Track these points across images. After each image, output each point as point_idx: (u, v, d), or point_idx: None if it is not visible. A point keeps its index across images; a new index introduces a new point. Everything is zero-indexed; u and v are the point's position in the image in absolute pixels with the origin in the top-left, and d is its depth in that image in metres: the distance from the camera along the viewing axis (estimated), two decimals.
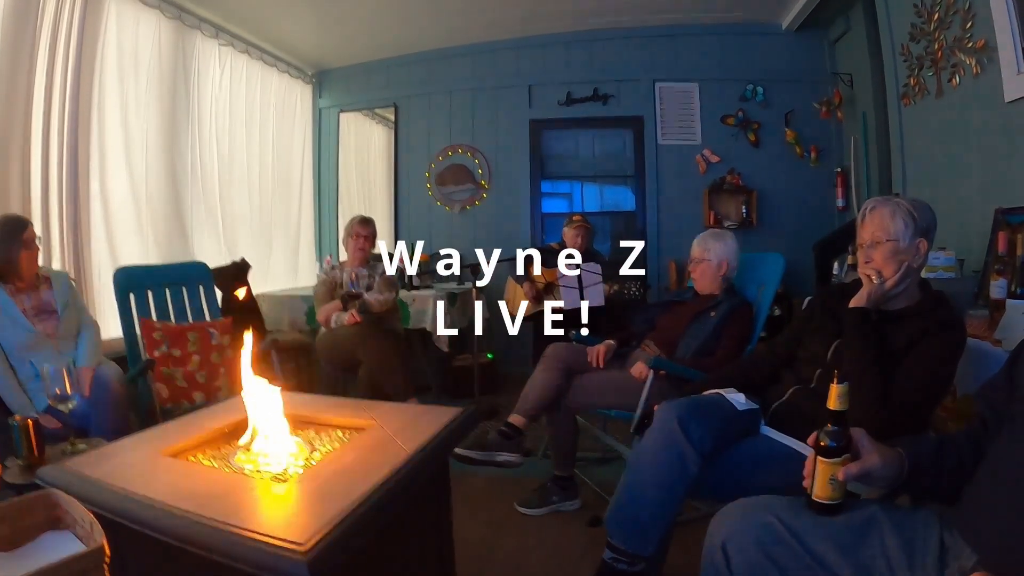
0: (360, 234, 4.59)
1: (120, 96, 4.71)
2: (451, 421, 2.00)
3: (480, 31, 6.51)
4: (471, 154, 6.87)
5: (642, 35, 6.43)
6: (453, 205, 6.90)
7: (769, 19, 6.17)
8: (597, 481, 3.53)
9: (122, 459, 1.84)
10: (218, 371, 3.88)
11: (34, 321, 3.21)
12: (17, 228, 3.19)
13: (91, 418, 3.04)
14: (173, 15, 5.15)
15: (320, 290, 4.55)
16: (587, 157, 6.90)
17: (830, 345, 2.24)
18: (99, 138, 4.54)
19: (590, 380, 3.26)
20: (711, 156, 6.34)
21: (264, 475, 1.69)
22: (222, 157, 5.90)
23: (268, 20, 5.93)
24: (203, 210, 5.64)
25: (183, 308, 4.15)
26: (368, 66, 7.20)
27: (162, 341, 3.76)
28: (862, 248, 2.20)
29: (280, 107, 6.81)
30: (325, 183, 7.48)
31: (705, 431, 2.06)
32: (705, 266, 3.43)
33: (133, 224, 4.85)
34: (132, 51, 4.81)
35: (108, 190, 4.64)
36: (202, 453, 1.94)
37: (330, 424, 2.14)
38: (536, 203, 6.80)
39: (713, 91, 6.39)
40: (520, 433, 3.19)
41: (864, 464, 1.42)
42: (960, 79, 3.70)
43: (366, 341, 4.04)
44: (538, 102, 6.74)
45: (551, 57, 6.71)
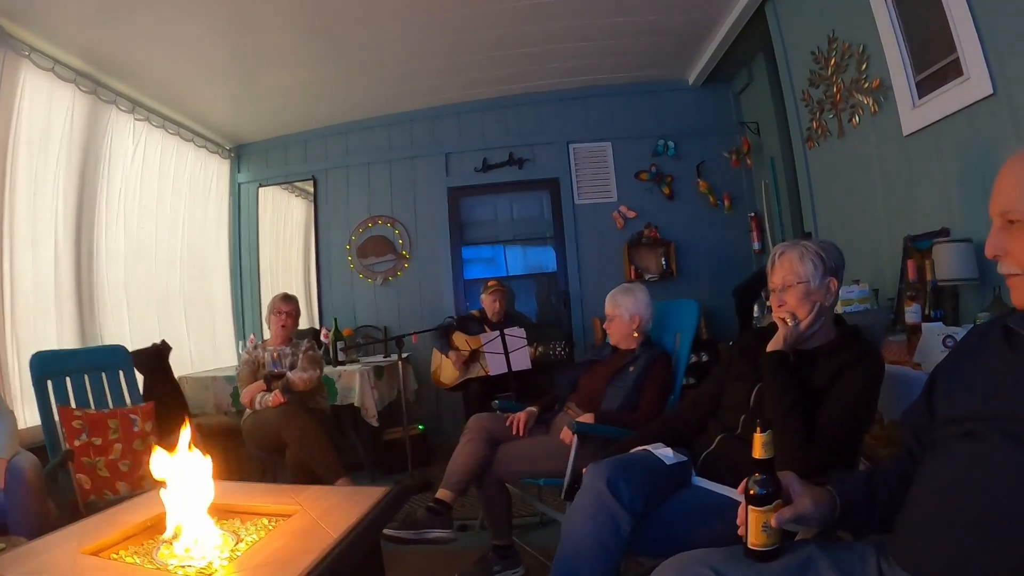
0: (282, 311, 4.56)
1: (29, 172, 4.58)
2: (378, 502, 2.00)
3: (396, 102, 6.64)
4: (391, 224, 6.93)
5: (554, 99, 6.65)
6: (375, 277, 6.92)
7: (676, 76, 6.48)
8: (537, 547, 3.51)
9: (41, 559, 1.79)
10: (142, 459, 3.69)
11: None
12: None
13: (7, 513, 2.89)
14: (89, 89, 5.09)
15: (243, 371, 4.47)
16: (506, 221, 7.02)
17: (752, 390, 2.30)
18: (9, 215, 4.39)
19: (515, 449, 3.25)
20: (628, 212, 6.54)
21: (188, 570, 1.67)
22: (134, 235, 5.75)
23: (185, 95, 5.93)
24: (116, 291, 5.48)
25: (103, 394, 3.99)
26: (286, 139, 7.24)
27: (82, 429, 3.61)
28: (775, 292, 2.29)
29: (197, 182, 6.75)
30: (245, 259, 7.40)
31: (635, 490, 2.07)
32: (618, 322, 3.51)
33: (45, 307, 4.69)
34: (44, 126, 4.71)
35: (17, 271, 4.46)
36: (124, 549, 1.89)
37: (255, 512, 2.11)
38: (458, 270, 6.87)
39: (626, 148, 6.61)
40: (449, 508, 3.17)
41: (796, 509, 1.46)
42: (860, 118, 3.91)
43: (291, 422, 3.95)
44: (455, 169, 6.87)
45: (466, 124, 6.87)
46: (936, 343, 2.50)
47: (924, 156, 3.38)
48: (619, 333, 3.53)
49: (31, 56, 4.51)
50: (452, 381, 5.45)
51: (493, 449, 3.26)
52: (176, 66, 5.31)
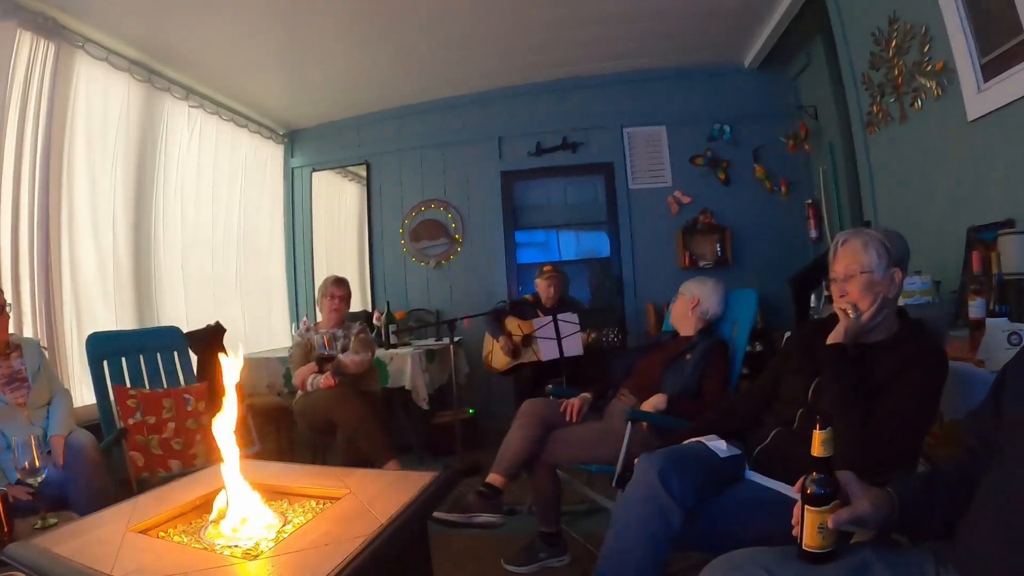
0: (334, 295, 4.56)
1: (89, 160, 4.72)
2: (427, 487, 1.97)
3: (449, 86, 6.58)
4: (444, 208, 6.89)
5: (608, 82, 6.51)
6: (428, 261, 6.90)
7: (732, 59, 6.28)
8: (585, 534, 3.45)
9: (90, 536, 1.80)
10: (194, 438, 3.80)
11: (4, 390, 3.16)
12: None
13: (67, 488, 2.95)
14: (143, 78, 5.18)
15: (295, 353, 4.49)
16: (559, 206, 6.94)
17: (810, 384, 2.21)
18: (68, 203, 4.53)
19: (567, 435, 3.21)
20: (682, 197, 6.39)
21: (235, 550, 1.66)
22: (191, 219, 5.89)
23: (238, 81, 5.99)
24: (172, 273, 5.61)
25: (158, 374, 4.10)
26: (339, 124, 7.25)
27: (136, 408, 3.70)
28: (836, 282, 2.20)
29: (251, 168, 6.83)
30: (299, 242, 7.48)
31: (687, 483, 2.01)
32: (679, 302, 3.49)
33: (103, 289, 4.82)
34: (101, 114, 4.83)
35: (78, 255, 4.61)
36: (173, 528, 1.90)
37: (303, 494, 2.10)
38: (511, 254, 6.81)
39: (681, 133, 6.45)
40: (499, 493, 3.13)
41: (854, 510, 1.40)
42: (922, 103, 3.72)
43: (342, 404, 3.96)
44: (508, 153, 6.80)
45: (520, 108, 6.78)
46: (1001, 340, 2.36)
47: (989, 142, 3.20)
48: (677, 312, 3.50)
49: (85, 47, 4.60)
50: (504, 366, 5.41)
51: (546, 435, 3.22)
52: (229, 53, 5.35)
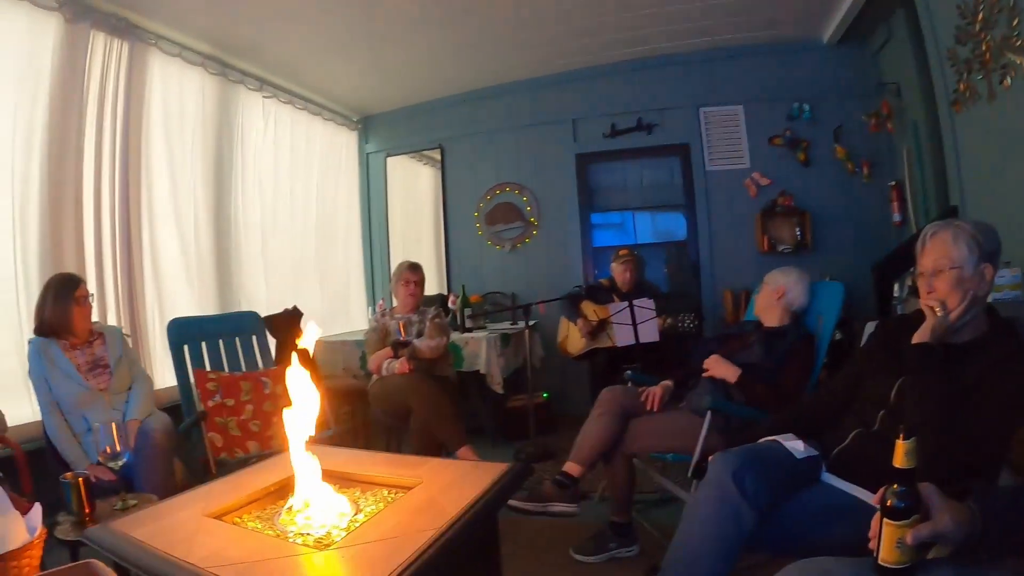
0: (409, 280, 4.57)
1: (167, 152, 4.90)
2: (499, 478, 1.94)
3: (521, 68, 6.53)
4: (519, 191, 6.87)
5: (683, 61, 6.33)
6: (503, 244, 6.89)
7: (809, 34, 6.00)
8: (656, 524, 3.40)
9: (167, 520, 1.82)
10: (271, 420, 3.87)
11: (87, 376, 3.29)
12: (69, 286, 3.31)
13: (134, 470, 3.05)
14: (217, 71, 5.34)
15: (371, 338, 4.52)
16: (635, 188, 6.82)
17: (893, 384, 2.09)
18: (148, 194, 4.73)
19: (646, 424, 3.16)
20: (761, 179, 6.18)
21: (306, 539, 1.66)
22: (269, 206, 6.06)
23: (310, 70, 6.07)
24: (251, 259, 5.78)
25: (236, 358, 4.21)
26: (412, 109, 7.29)
27: (216, 391, 3.81)
28: (923, 277, 2.06)
29: (326, 154, 6.96)
30: (375, 226, 7.58)
31: (761, 484, 1.94)
32: (764, 291, 3.39)
33: (183, 276, 5.01)
34: (178, 108, 5.01)
35: (158, 244, 4.81)
36: (247, 514, 1.92)
37: (376, 483, 2.09)
38: (587, 237, 6.74)
39: (759, 112, 6.23)
40: (575, 482, 3.10)
41: (934, 526, 1.31)
42: (1012, 79, 3.48)
43: (417, 390, 3.97)
44: (582, 136, 6.70)
45: (593, 90, 6.65)
46: None
47: None
48: (762, 302, 3.40)
49: (158, 44, 4.77)
50: (579, 350, 5.36)
51: (624, 424, 3.17)
52: (299, 43, 5.42)
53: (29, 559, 1.66)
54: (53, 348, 3.26)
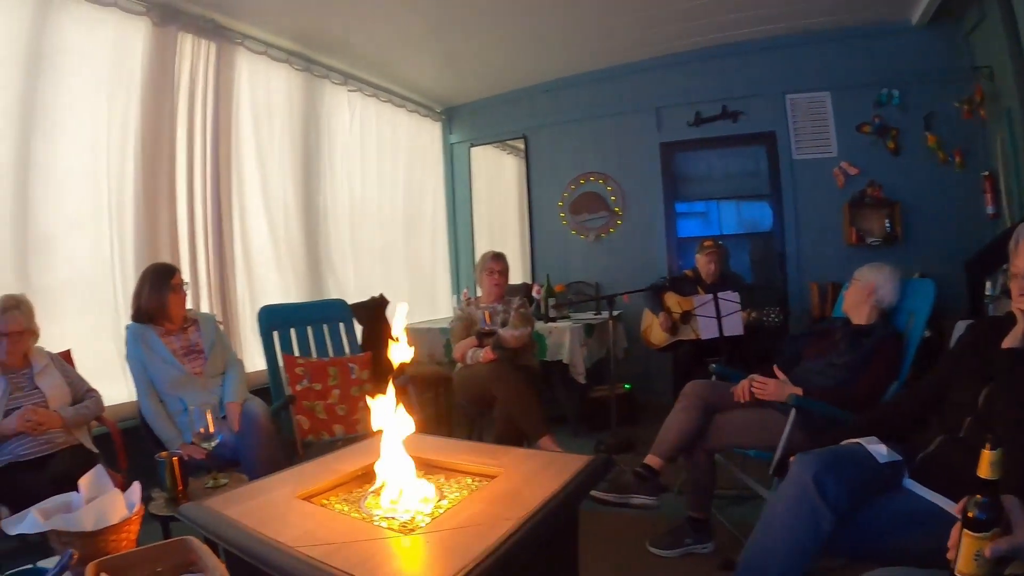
0: (493, 269, 4.59)
1: (256, 146, 5.10)
2: (581, 470, 1.94)
3: (604, 56, 6.46)
4: (603, 181, 6.82)
5: (767, 46, 6.14)
6: (588, 234, 6.86)
7: (897, 16, 5.67)
8: (733, 521, 3.36)
9: (258, 500, 1.88)
10: (357, 404, 3.99)
11: (183, 360, 3.44)
12: (166, 275, 3.48)
13: (240, 452, 3.19)
14: (302, 67, 5.51)
15: (456, 326, 4.57)
16: (720, 177, 6.68)
17: (981, 390, 1.99)
18: (239, 187, 4.94)
19: (730, 419, 3.10)
20: (849, 168, 5.92)
21: (392, 523, 1.69)
22: (356, 197, 6.21)
23: (394, 63, 6.15)
24: (340, 248, 5.94)
25: (324, 344, 4.33)
26: (495, 99, 7.33)
27: (304, 376, 3.94)
28: (1016, 279, 1.93)
29: (411, 145, 7.07)
30: (460, 216, 7.65)
31: (841, 488, 1.90)
32: (853, 287, 3.26)
33: (273, 265, 5.20)
34: (265, 103, 5.20)
35: (249, 235, 5.02)
36: (335, 496, 1.97)
37: (460, 470, 2.12)
38: (671, 227, 6.64)
39: (846, 99, 5.96)
40: (656, 475, 3.07)
41: (1015, 540, 1.25)
42: None
43: (501, 379, 4.00)
44: (667, 124, 6.60)
45: (677, 77, 6.52)
46: None
47: None
48: (851, 299, 3.28)
49: (244, 43, 4.96)
50: (662, 342, 5.30)
51: (707, 418, 3.12)
52: (382, 37, 5.49)
53: (127, 534, 1.73)
54: (150, 334, 3.41)
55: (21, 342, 3.04)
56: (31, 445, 2.90)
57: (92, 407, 3.23)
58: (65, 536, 1.64)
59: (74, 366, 3.41)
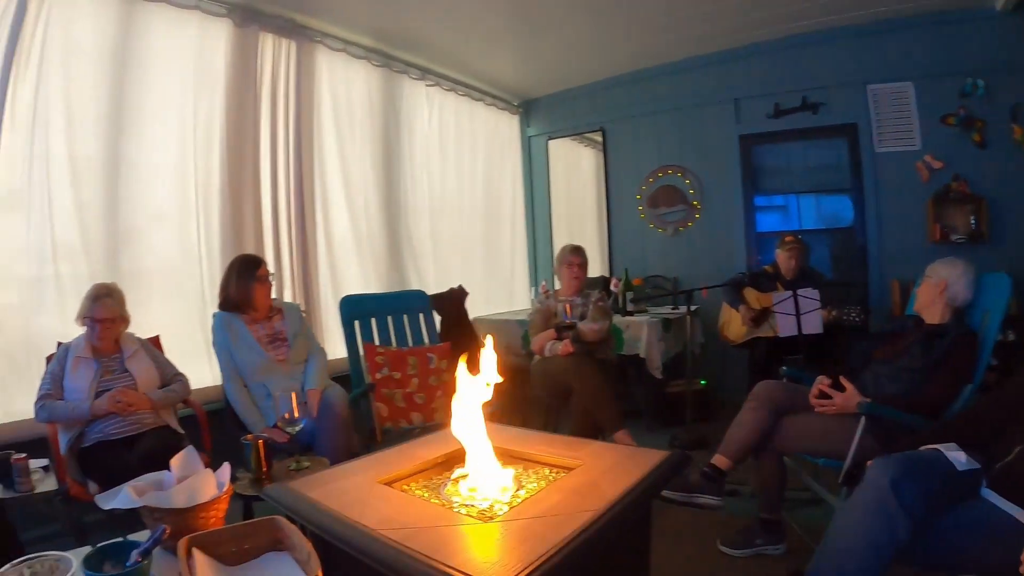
0: (572, 262, 4.59)
1: (337, 140, 5.24)
2: (658, 466, 1.93)
3: (681, 47, 6.35)
4: (681, 174, 6.73)
5: (847, 34, 5.90)
6: (666, 227, 6.79)
7: (980, 2, 5.37)
8: (805, 525, 3.29)
9: (340, 484, 1.93)
10: (435, 393, 4.06)
11: (267, 348, 3.55)
12: (252, 266, 3.63)
13: (317, 437, 3.29)
14: (380, 63, 5.62)
15: (535, 318, 4.59)
16: (800, 170, 6.48)
17: None
18: (321, 180, 5.09)
19: (799, 423, 3.03)
20: (933, 162, 5.62)
21: (470, 510, 1.72)
22: (435, 189, 6.30)
23: (471, 58, 6.19)
24: (418, 239, 6.04)
25: (404, 333, 4.43)
26: (572, 92, 7.30)
27: (383, 364, 4.03)
28: None
29: (489, 138, 7.12)
30: (538, 208, 7.66)
31: (919, 494, 1.86)
32: (925, 285, 3.13)
33: (355, 256, 5.34)
34: (345, 99, 5.34)
35: (331, 227, 5.17)
36: (415, 482, 2.00)
37: (538, 461, 2.14)
38: (750, 221, 6.50)
39: (929, 89, 5.65)
40: (723, 475, 3.03)
41: None
42: None
43: (579, 372, 4.01)
44: (746, 116, 6.46)
45: (756, 68, 6.37)
46: None
47: None
48: (923, 297, 3.14)
49: (324, 41, 5.10)
50: (739, 338, 5.23)
51: (777, 420, 3.05)
52: (459, 31, 5.52)
53: (216, 512, 1.80)
54: (236, 322, 3.55)
55: (112, 328, 3.20)
56: (120, 425, 3.05)
57: (179, 390, 3.37)
58: (157, 512, 1.72)
59: (163, 351, 3.56)
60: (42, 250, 3.56)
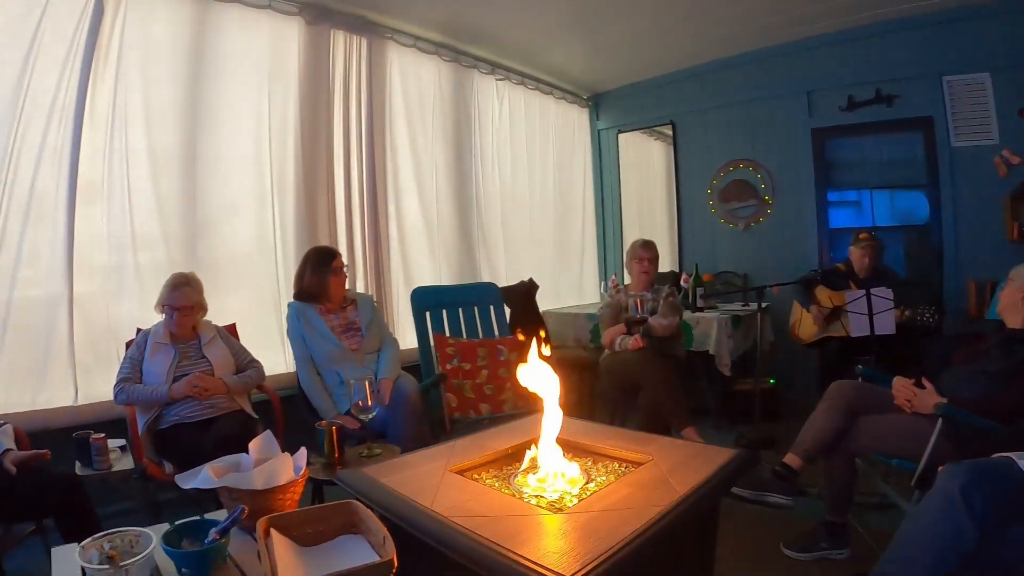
0: (643, 257, 4.57)
1: (409, 134, 5.32)
2: (727, 464, 1.92)
3: (751, 38, 6.19)
4: (753, 168, 6.59)
5: (922, 24, 5.61)
6: (737, 222, 6.67)
7: None
8: (872, 530, 3.18)
9: (413, 471, 1.98)
10: (504, 385, 4.09)
11: (341, 337, 3.64)
12: (327, 258, 3.72)
13: (388, 425, 3.35)
14: (450, 58, 5.66)
15: (605, 313, 4.57)
16: (874, 164, 6.26)
17: None
18: (393, 173, 5.17)
19: (874, 424, 2.95)
20: (1011, 157, 5.32)
21: (540, 501, 1.74)
22: (506, 183, 6.32)
23: (541, 52, 6.18)
24: (489, 232, 6.08)
25: (474, 325, 4.50)
26: (642, 85, 7.22)
27: (454, 355, 4.10)
28: None
29: (559, 132, 7.10)
30: (608, 202, 7.62)
31: (989, 503, 1.81)
32: (1007, 288, 2.98)
33: (426, 248, 5.41)
34: (416, 93, 5.41)
35: (404, 219, 5.26)
36: (485, 472, 2.04)
37: (607, 455, 2.15)
38: (823, 217, 6.32)
39: (1008, 80, 5.35)
40: (795, 474, 2.98)
41: None
42: None
43: (648, 367, 3.99)
44: (818, 109, 6.24)
45: (828, 59, 6.15)
46: None
47: None
48: (1006, 301, 2.99)
49: (394, 37, 5.18)
50: (810, 337, 5.13)
51: (851, 421, 2.98)
52: (528, 26, 5.51)
53: (292, 494, 1.86)
54: (310, 311, 3.64)
55: (190, 316, 3.31)
56: (196, 408, 3.15)
57: (254, 376, 3.47)
58: (236, 493, 1.77)
59: (238, 338, 3.67)
60: (122, 240, 3.71)
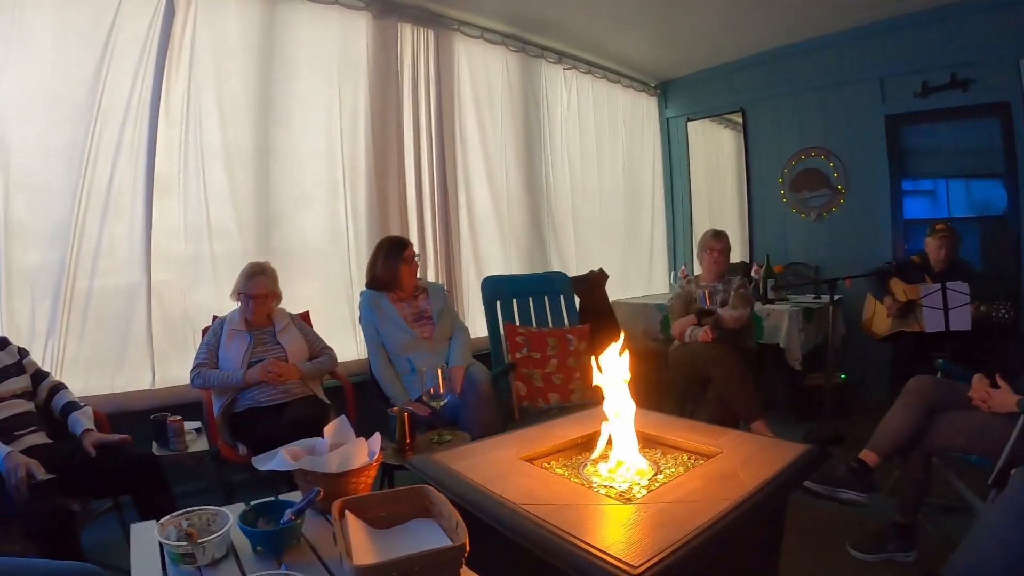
0: (713, 248, 4.52)
1: (478, 124, 5.37)
2: (797, 459, 1.91)
3: (821, 22, 5.96)
4: (825, 157, 6.40)
5: (998, 5, 5.22)
6: (809, 212, 6.51)
7: None
8: (940, 532, 3.09)
9: (483, 458, 2.02)
10: (574, 375, 4.12)
11: (413, 326, 3.71)
12: (399, 247, 3.78)
13: (460, 412, 3.41)
14: (517, 48, 5.68)
15: (675, 304, 4.54)
16: (949, 153, 5.97)
17: None
18: (463, 165, 5.23)
19: (953, 421, 2.86)
20: None
21: (610, 491, 1.76)
22: (574, 172, 6.31)
23: (608, 41, 6.13)
24: (559, 222, 6.09)
25: (544, 314, 4.53)
26: (710, 72, 7.09)
27: (523, 344, 4.14)
28: None
29: (627, 121, 7.06)
30: (677, 191, 7.54)
31: None
32: None
33: (496, 237, 5.46)
34: (484, 84, 5.45)
35: (473, 209, 5.31)
36: (555, 460, 2.07)
37: (677, 447, 2.16)
38: (897, 207, 6.08)
39: None
40: (871, 471, 2.91)
41: None
42: None
43: (718, 359, 3.96)
44: (891, 95, 5.97)
45: (900, 43, 5.84)
46: None
47: None
48: None
49: (461, 29, 5.21)
50: (884, 332, 5.00)
51: (929, 418, 2.91)
52: (593, 15, 5.47)
53: (365, 478, 1.90)
54: (383, 300, 3.71)
55: (265, 304, 3.43)
56: (271, 393, 3.27)
57: (327, 363, 3.57)
58: (311, 475, 1.82)
59: (312, 326, 3.77)
60: (198, 231, 3.85)
